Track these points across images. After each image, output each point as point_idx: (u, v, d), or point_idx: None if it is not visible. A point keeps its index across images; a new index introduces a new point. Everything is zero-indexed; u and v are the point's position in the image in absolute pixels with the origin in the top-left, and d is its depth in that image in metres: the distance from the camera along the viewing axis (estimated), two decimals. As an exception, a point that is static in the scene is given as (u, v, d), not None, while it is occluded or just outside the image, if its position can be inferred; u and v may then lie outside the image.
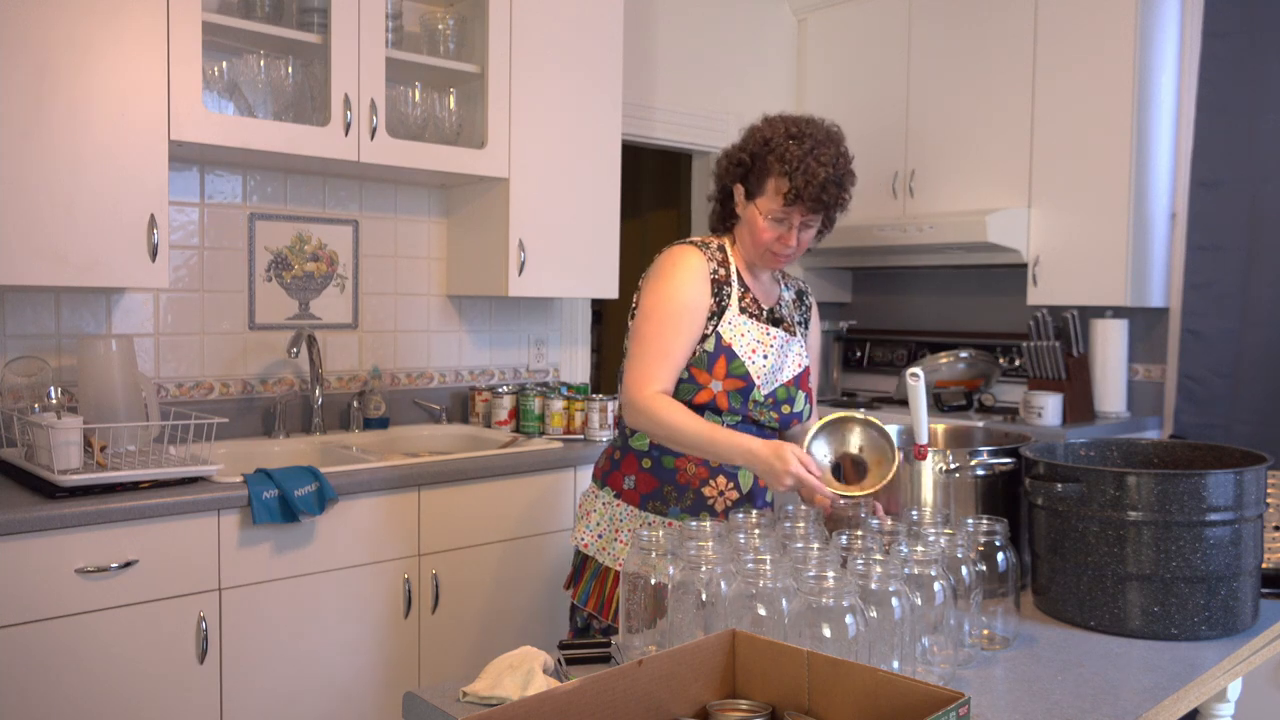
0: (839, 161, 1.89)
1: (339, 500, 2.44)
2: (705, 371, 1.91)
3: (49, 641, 2.06)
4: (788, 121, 1.93)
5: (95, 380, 2.44)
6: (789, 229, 1.92)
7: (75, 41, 2.32)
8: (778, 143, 1.90)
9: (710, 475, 1.96)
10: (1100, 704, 1.32)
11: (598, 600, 2.01)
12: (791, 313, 2.10)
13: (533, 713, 1.05)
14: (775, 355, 1.98)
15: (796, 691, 1.16)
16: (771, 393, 1.97)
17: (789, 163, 1.87)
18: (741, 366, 1.92)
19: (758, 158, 1.93)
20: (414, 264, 3.36)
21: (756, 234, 1.95)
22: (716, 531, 1.48)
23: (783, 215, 1.91)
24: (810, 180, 1.85)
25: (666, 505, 1.98)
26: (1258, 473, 1.62)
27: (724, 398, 1.91)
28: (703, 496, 1.97)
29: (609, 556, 2.01)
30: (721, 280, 1.96)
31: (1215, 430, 3.53)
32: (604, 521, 2.03)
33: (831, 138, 1.92)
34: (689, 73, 4.21)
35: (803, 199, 1.87)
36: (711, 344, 1.92)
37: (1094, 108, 3.61)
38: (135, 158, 2.42)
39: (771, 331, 1.99)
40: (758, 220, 1.93)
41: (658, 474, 1.99)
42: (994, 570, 1.53)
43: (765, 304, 2.03)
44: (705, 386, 1.91)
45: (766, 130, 1.94)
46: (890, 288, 4.73)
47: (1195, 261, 3.59)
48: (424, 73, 3.05)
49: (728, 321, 1.94)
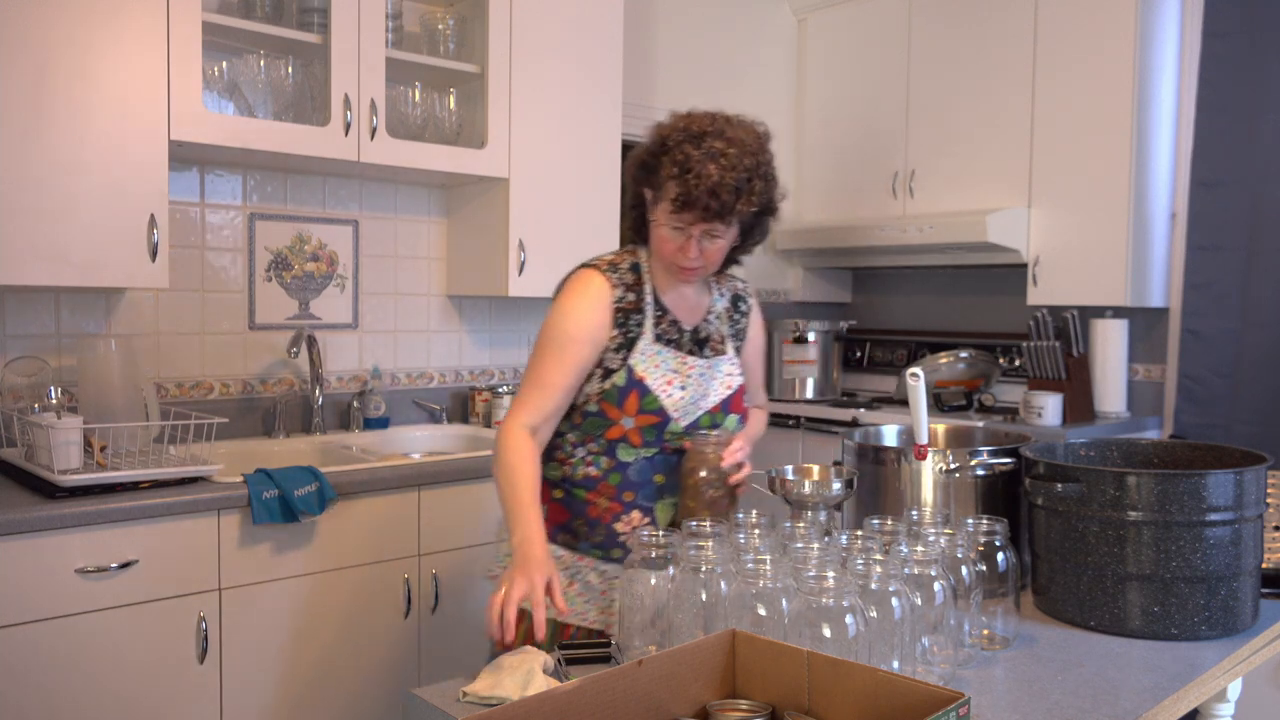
0: (743, 164, 1.67)
1: (339, 500, 2.44)
2: (615, 407, 1.74)
3: (49, 641, 2.06)
4: (694, 119, 1.73)
5: (95, 380, 2.44)
6: (687, 239, 1.72)
7: (75, 41, 2.32)
8: (674, 143, 1.70)
9: (623, 510, 1.79)
10: (1100, 704, 1.32)
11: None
12: (722, 325, 1.92)
13: (533, 713, 1.05)
14: (696, 384, 1.80)
15: (796, 691, 1.16)
16: (693, 422, 1.79)
17: (679, 165, 1.67)
18: (655, 401, 1.75)
19: (655, 159, 1.74)
20: (414, 264, 3.36)
21: (657, 245, 1.77)
22: (716, 531, 1.48)
23: (677, 223, 1.71)
24: (699, 184, 1.65)
25: (577, 539, 1.81)
26: (1258, 473, 1.62)
27: (636, 434, 1.76)
28: (614, 532, 1.79)
29: None
30: (629, 308, 1.78)
31: (1215, 430, 3.53)
32: None
33: (743, 140, 1.70)
34: (689, 73, 4.21)
35: (691, 205, 1.67)
36: (623, 377, 1.74)
37: (1094, 108, 3.61)
38: (135, 158, 2.42)
39: (690, 361, 1.81)
40: (658, 229, 1.75)
41: (569, 506, 1.81)
42: (994, 570, 1.53)
43: (689, 323, 1.85)
44: (616, 423, 1.75)
45: (666, 129, 1.74)
46: (890, 288, 4.73)
47: (1195, 261, 3.59)
48: (424, 73, 3.05)
49: (640, 353, 1.76)
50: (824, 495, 1.79)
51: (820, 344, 4.35)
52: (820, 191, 4.59)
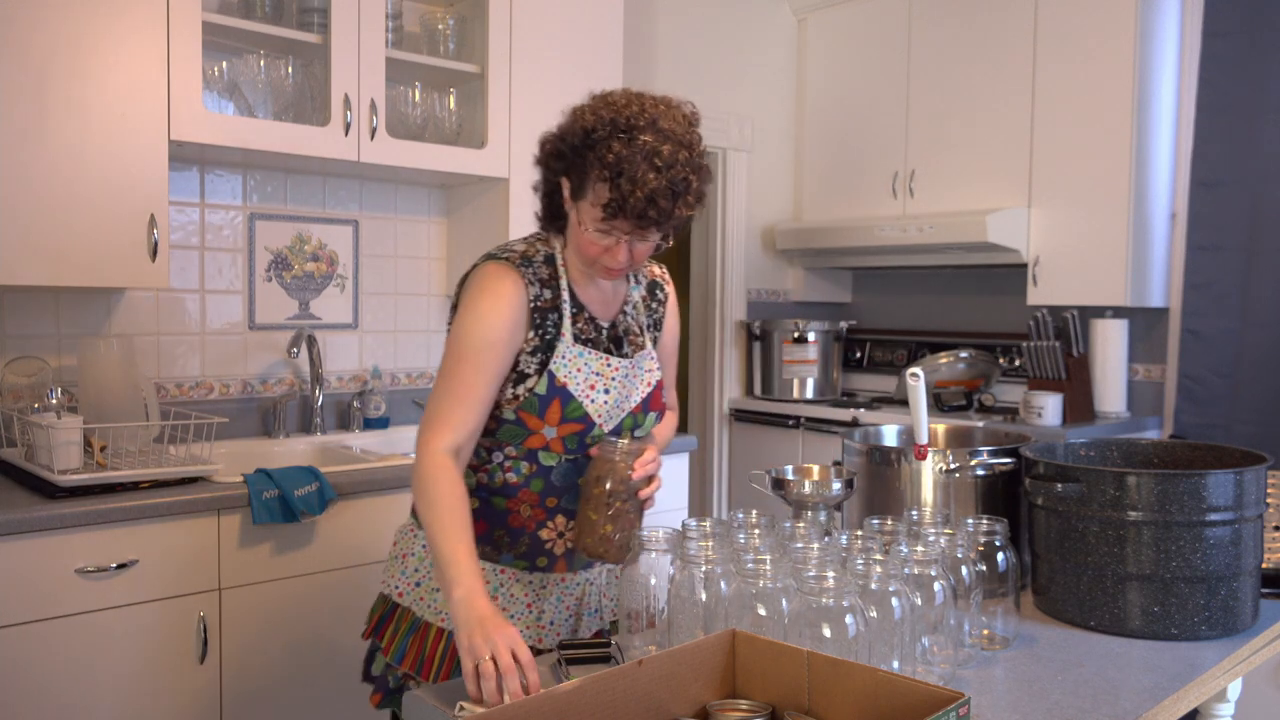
0: (678, 163, 1.49)
1: (339, 500, 2.44)
2: (536, 416, 1.59)
3: (49, 641, 2.06)
4: (618, 107, 1.51)
5: (95, 380, 2.44)
6: (616, 242, 1.54)
7: (76, 42, 2.32)
8: (600, 137, 1.49)
9: (547, 516, 1.65)
10: (1100, 704, 1.32)
11: (415, 659, 1.64)
12: (640, 317, 1.75)
13: (533, 713, 1.05)
14: (620, 387, 1.65)
15: (796, 691, 1.16)
16: (616, 426, 1.66)
17: (610, 167, 1.47)
18: (579, 409, 1.60)
19: (577, 153, 1.53)
20: (414, 264, 3.36)
21: (580, 245, 1.58)
22: (716, 531, 1.48)
23: (606, 228, 1.52)
24: (635, 191, 1.46)
25: (499, 551, 1.65)
26: (1258, 473, 1.62)
27: (558, 443, 1.61)
28: (539, 540, 1.65)
29: (429, 609, 1.65)
30: (546, 307, 1.61)
31: (1215, 430, 3.53)
32: (424, 567, 1.67)
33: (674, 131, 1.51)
34: (689, 73, 4.22)
35: (626, 213, 1.48)
36: (543, 385, 1.58)
37: (1094, 108, 3.61)
38: (135, 158, 2.42)
39: (614, 363, 1.65)
40: (581, 228, 1.56)
41: (487, 516, 1.65)
42: (994, 570, 1.53)
43: (605, 318, 1.69)
44: (536, 432, 1.60)
45: (590, 117, 1.53)
46: (890, 288, 4.73)
47: (1195, 261, 3.59)
48: (424, 73, 3.05)
49: (560, 356, 1.60)
50: (824, 495, 1.79)
51: (820, 344, 4.35)
52: (820, 191, 4.59)
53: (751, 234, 4.55)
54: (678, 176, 1.49)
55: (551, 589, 1.68)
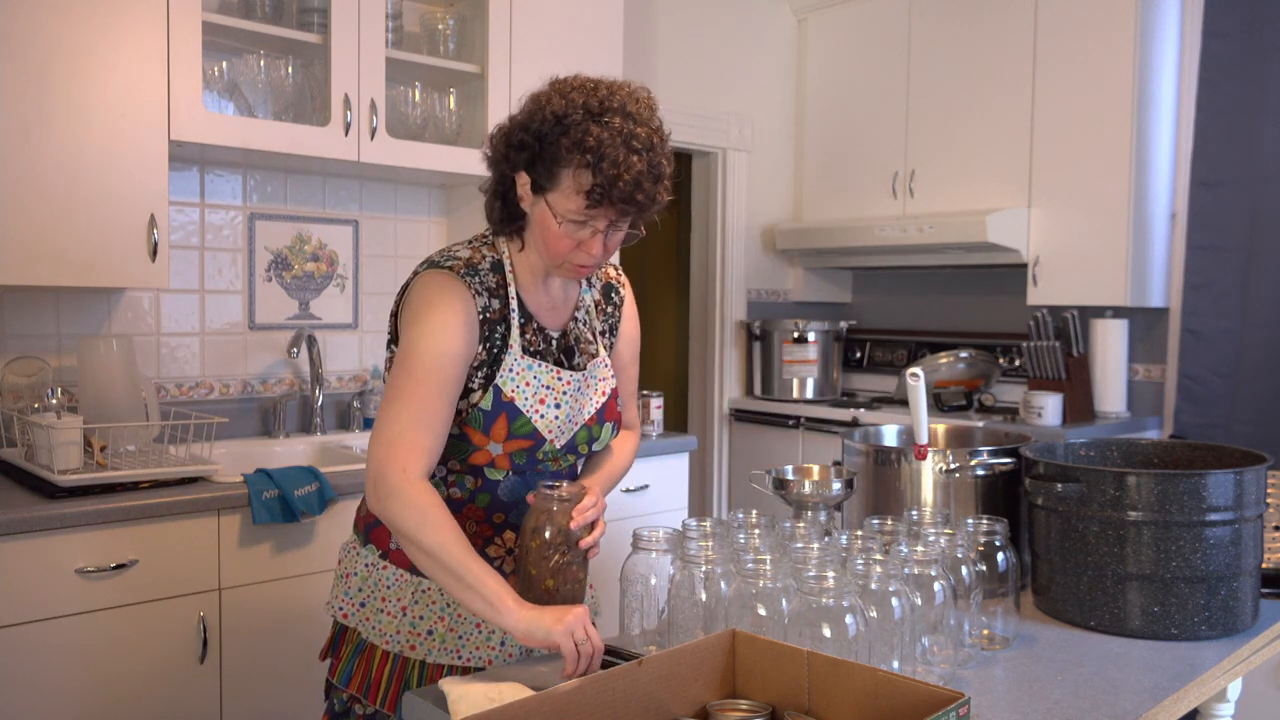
0: (655, 146, 1.44)
1: (339, 500, 2.44)
2: (481, 433, 1.50)
3: (49, 641, 2.06)
4: (586, 91, 1.45)
5: (95, 380, 2.44)
6: (592, 234, 1.45)
7: (76, 42, 2.32)
8: (575, 122, 1.41)
9: (495, 532, 1.58)
10: (1100, 704, 1.32)
11: (362, 682, 1.58)
12: (593, 323, 1.65)
13: (533, 713, 1.05)
14: (571, 400, 1.56)
15: (796, 691, 1.16)
16: (569, 441, 1.56)
17: (591, 151, 1.39)
18: (526, 425, 1.51)
19: (546, 140, 1.43)
20: (414, 264, 3.35)
21: (550, 242, 1.47)
22: (716, 531, 1.48)
23: (584, 218, 1.44)
24: (622, 173, 1.39)
25: None
26: (1258, 473, 1.62)
27: (505, 460, 1.52)
28: (487, 558, 1.56)
29: (374, 631, 1.57)
30: (494, 318, 1.51)
31: (1215, 430, 3.53)
32: (368, 587, 1.59)
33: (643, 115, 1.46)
34: (689, 73, 4.22)
35: (611, 200, 1.41)
36: (489, 400, 1.49)
37: (1094, 107, 3.61)
38: (135, 158, 2.42)
39: (565, 376, 1.56)
40: (550, 224, 1.45)
41: None
42: (994, 570, 1.53)
43: (555, 327, 1.60)
44: (481, 449, 1.50)
45: (559, 103, 1.44)
46: (890, 288, 4.73)
47: (1195, 261, 3.59)
48: (424, 73, 3.05)
49: (507, 369, 1.51)
50: (824, 495, 1.79)
51: (820, 344, 4.35)
52: (820, 191, 4.59)
53: (751, 234, 4.55)
54: (655, 159, 1.43)
55: None
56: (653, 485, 3.10)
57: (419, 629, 1.56)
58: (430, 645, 1.56)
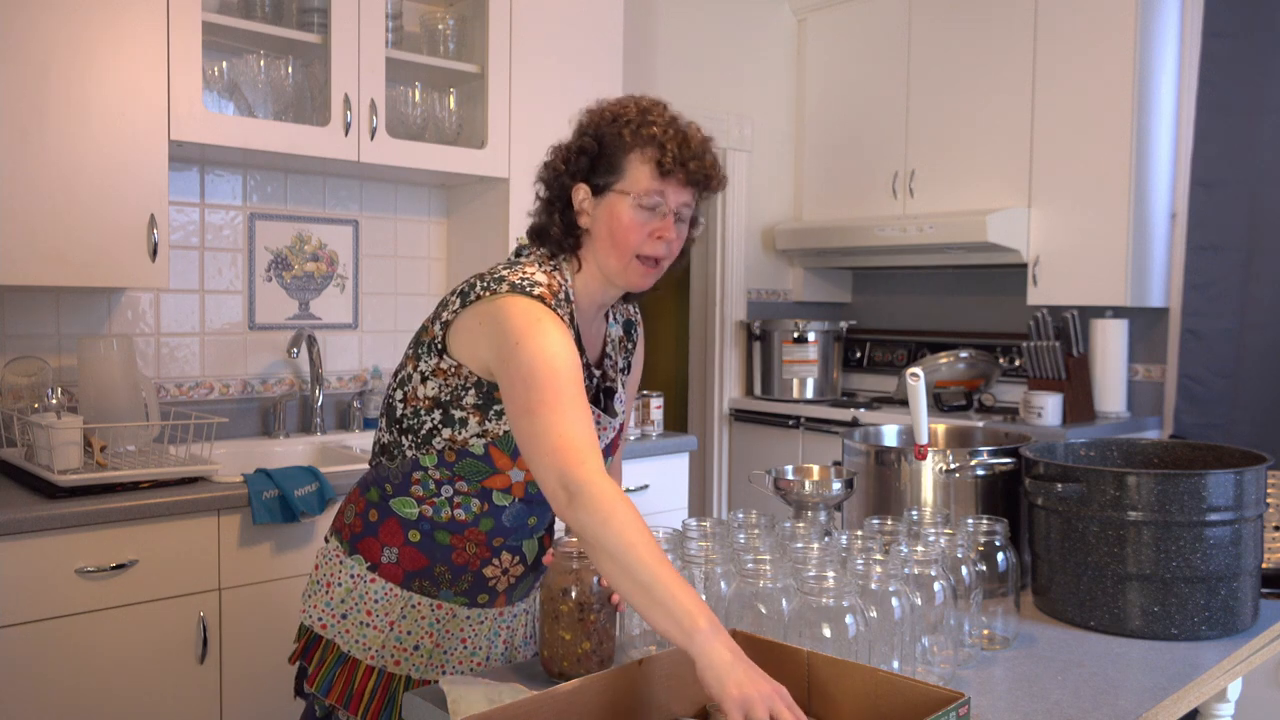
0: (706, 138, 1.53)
1: (339, 500, 2.44)
2: (508, 456, 1.49)
3: (49, 641, 2.06)
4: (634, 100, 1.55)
5: (95, 380, 2.44)
6: (663, 217, 1.48)
7: (75, 42, 2.32)
8: (631, 116, 1.50)
9: (493, 555, 1.57)
10: (1100, 704, 1.32)
11: (343, 693, 1.56)
12: (616, 358, 1.67)
13: (533, 713, 1.05)
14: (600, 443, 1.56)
15: (796, 691, 1.16)
16: None
17: (656, 126, 1.48)
18: None
19: (607, 138, 1.50)
20: (414, 264, 3.36)
21: (620, 235, 1.48)
22: (716, 531, 1.48)
23: (658, 189, 1.46)
24: (689, 139, 1.48)
25: (437, 587, 1.56)
26: (1258, 473, 1.62)
27: (521, 488, 1.53)
28: (483, 578, 1.57)
29: (355, 644, 1.55)
30: None
31: (1215, 430, 3.53)
32: (350, 599, 1.56)
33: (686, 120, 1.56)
34: (689, 73, 4.22)
35: (684, 162, 1.46)
36: None
37: (1094, 107, 3.61)
38: (135, 158, 2.42)
39: (604, 421, 1.59)
40: (620, 215, 1.47)
41: (428, 550, 1.55)
42: (994, 570, 1.53)
43: (594, 360, 1.61)
44: (503, 473, 1.50)
45: (613, 107, 1.53)
46: (890, 288, 4.73)
47: (1195, 261, 3.59)
48: (424, 73, 3.05)
49: None
50: (824, 495, 1.79)
51: (820, 344, 4.35)
52: (820, 191, 4.59)
53: (751, 234, 4.55)
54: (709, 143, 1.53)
55: (490, 623, 1.62)
56: (653, 485, 3.10)
57: (405, 644, 1.55)
58: (416, 660, 1.56)
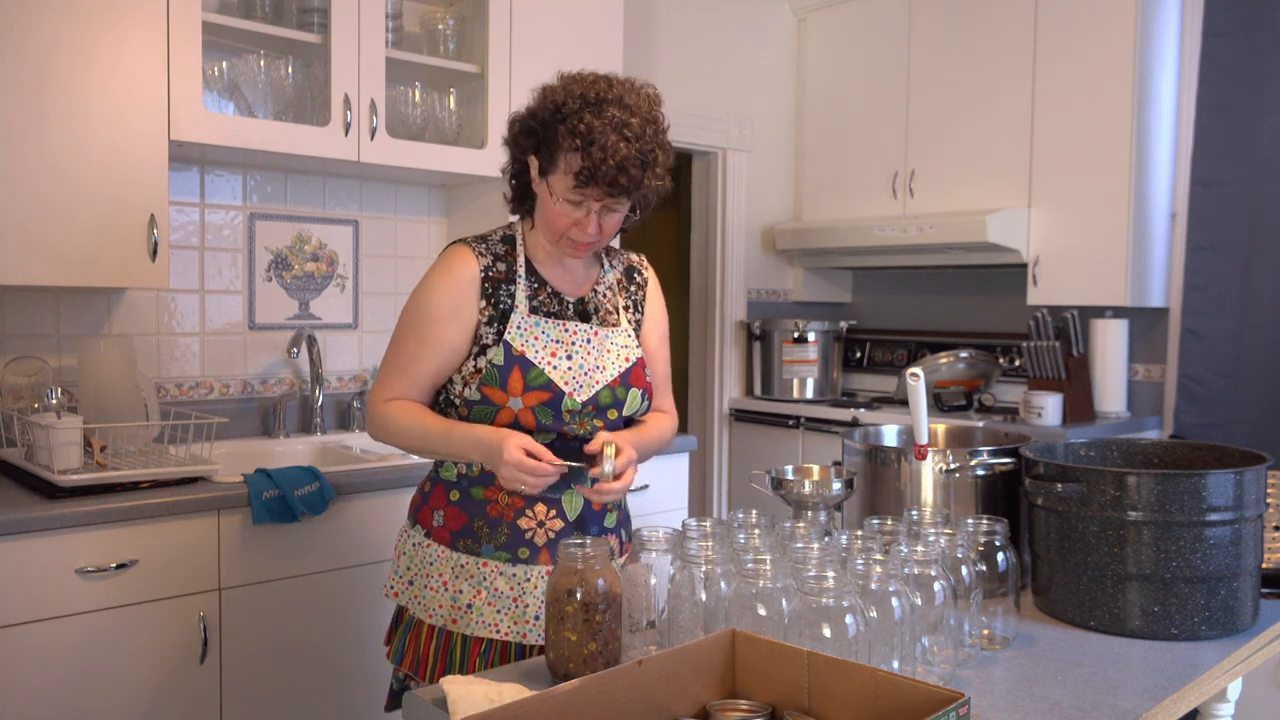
0: (646, 135, 1.57)
1: (339, 500, 2.44)
2: (499, 389, 1.62)
3: (49, 641, 2.06)
4: (587, 83, 1.59)
5: (95, 380, 2.44)
6: (586, 214, 1.60)
7: (75, 41, 2.32)
8: (571, 110, 1.56)
9: (526, 504, 1.67)
10: (1100, 704, 1.32)
11: (412, 659, 1.71)
12: (615, 298, 1.78)
13: (533, 713, 1.05)
14: (584, 353, 1.67)
15: (796, 691, 1.16)
16: (591, 398, 1.66)
17: (581, 136, 1.54)
18: (541, 375, 1.62)
19: (548, 126, 1.59)
20: (414, 264, 3.36)
21: (549, 218, 1.63)
22: (716, 531, 1.48)
23: (577, 198, 1.58)
24: (609, 157, 1.53)
25: (479, 543, 1.68)
26: (1258, 473, 1.62)
27: (528, 415, 1.62)
28: (519, 530, 1.67)
29: (420, 607, 1.71)
30: (499, 278, 1.67)
31: (1215, 430, 3.53)
32: (415, 565, 1.73)
33: (640, 107, 1.59)
34: (689, 73, 4.22)
35: (598, 180, 1.54)
36: (500, 355, 1.62)
37: (1094, 107, 3.61)
38: (135, 158, 2.42)
39: (573, 327, 1.68)
40: (549, 202, 1.62)
41: (466, 507, 1.69)
42: (994, 570, 1.53)
43: (573, 294, 1.73)
44: (504, 406, 1.62)
45: (560, 93, 1.59)
46: (890, 288, 4.73)
47: (1195, 261, 3.59)
48: (424, 73, 3.05)
49: (515, 326, 1.64)
50: (824, 495, 1.79)
51: (820, 344, 4.35)
52: (820, 191, 4.59)
53: (751, 234, 4.55)
54: (645, 147, 1.56)
55: (535, 581, 1.68)
56: (653, 485, 3.10)
57: (459, 603, 1.67)
58: (470, 619, 1.66)
